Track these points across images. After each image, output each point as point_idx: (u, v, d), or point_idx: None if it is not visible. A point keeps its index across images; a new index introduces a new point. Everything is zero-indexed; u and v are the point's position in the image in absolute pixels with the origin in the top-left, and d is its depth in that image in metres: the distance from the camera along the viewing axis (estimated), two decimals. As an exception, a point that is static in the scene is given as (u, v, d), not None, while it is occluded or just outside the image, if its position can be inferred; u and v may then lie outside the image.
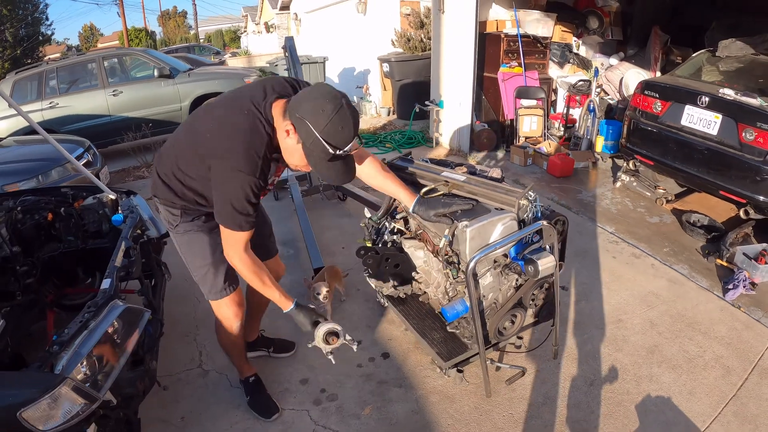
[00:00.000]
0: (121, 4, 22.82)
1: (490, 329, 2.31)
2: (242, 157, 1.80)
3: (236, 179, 1.82)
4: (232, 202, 1.83)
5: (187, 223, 2.17)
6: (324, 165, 1.84)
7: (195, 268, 2.26)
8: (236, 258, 1.97)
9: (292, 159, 1.93)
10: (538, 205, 2.26)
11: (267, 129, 1.87)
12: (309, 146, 1.78)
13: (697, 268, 3.94)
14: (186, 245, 2.23)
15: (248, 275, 1.99)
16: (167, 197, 2.11)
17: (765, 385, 2.73)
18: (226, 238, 1.94)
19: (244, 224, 1.88)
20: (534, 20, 7.11)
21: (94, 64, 7.91)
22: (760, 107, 4.05)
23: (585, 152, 6.49)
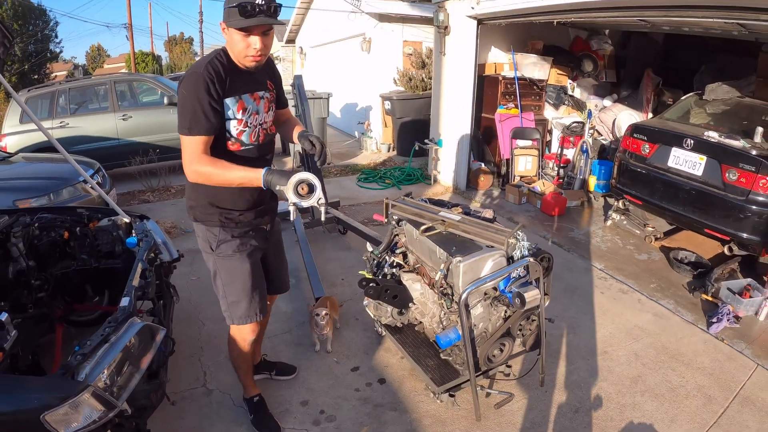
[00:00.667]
0: (130, 28, 23.23)
1: (481, 356, 2.47)
2: (188, 77, 2.05)
3: (185, 90, 2.04)
4: (183, 109, 2.04)
5: (227, 243, 2.31)
6: (243, 21, 1.97)
7: (230, 293, 2.37)
8: (194, 165, 2.06)
9: (236, 47, 2.07)
10: (526, 243, 2.45)
11: (218, 54, 2.12)
12: (228, 21, 2.00)
13: (682, 303, 4.11)
14: (226, 270, 2.35)
15: (213, 177, 2.08)
16: (202, 207, 2.28)
17: (746, 413, 2.88)
18: (183, 148, 2.07)
19: (194, 127, 2.02)
20: (531, 63, 7.41)
21: (105, 88, 8.12)
22: (742, 149, 4.29)
23: (578, 191, 6.73)
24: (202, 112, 2.02)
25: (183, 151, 2.08)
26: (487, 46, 7.57)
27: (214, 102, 2.05)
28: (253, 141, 2.27)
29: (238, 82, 2.16)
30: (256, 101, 2.25)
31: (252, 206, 2.37)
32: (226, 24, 2.03)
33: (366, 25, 10.18)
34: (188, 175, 2.12)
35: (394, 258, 3.01)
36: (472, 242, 2.57)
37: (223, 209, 2.29)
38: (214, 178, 2.09)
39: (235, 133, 2.20)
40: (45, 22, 25.95)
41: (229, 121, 2.16)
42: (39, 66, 25.78)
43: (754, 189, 4.13)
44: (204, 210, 2.29)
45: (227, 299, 2.39)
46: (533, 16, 5.86)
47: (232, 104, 2.15)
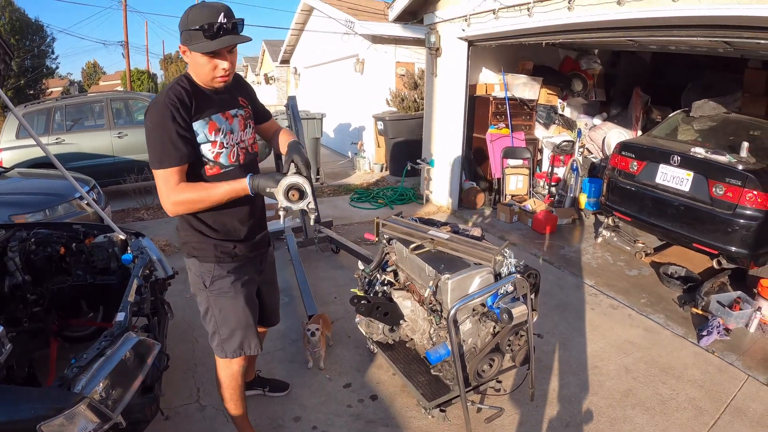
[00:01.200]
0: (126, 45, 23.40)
1: (470, 371, 2.52)
2: (152, 108, 1.98)
3: (150, 124, 1.96)
4: (151, 142, 1.96)
5: (221, 280, 2.23)
6: (208, 44, 1.92)
7: (224, 330, 2.30)
8: (172, 197, 1.97)
9: (202, 70, 2.01)
10: (513, 260, 2.52)
11: (180, 80, 2.06)
12: (192, 43, 1.93)
13: (672, 317, 4.18)
14: (219, 308, 2.27)
15: (197, 202, 2.02)
16: (196, 242, 2.19)
17: (737, 424, 2.94)
18: (158, 184, 1.98)
19: (164, 159, 1.93)
20: (521, 84, 7.55)
21: (101, 105, 8.18)
22: (728, 164, 4.38)
23: (568, 209, 6.82)
24: (170, 142, 1.94)
25: (158, 187, 2.00)
26: (478, 67, 7.71)
27: (181, 129, 1.97)
28: (232, 161, 2.18)
29: (204, 104, 2.08)
30: (228, 120, 2.17)
31: (247, 236, 2.29)
32: (189, 47, 1.96)
33: (359, 47, 10.33)
34: (168, 210, 2.02)
35: (385, 276, 3.08)
36: (461, 260, 2.64)
37: (218, 241, 2.21)
38: (198, 203, 2.03)
39: (211, 156, 2.11)
40: (42, 37, 26.06)
41: (202, 145, 2.08)
42: (35, 81, 25.83)
43: (740, 203, 4.22)
44: (198, 244, 2.21)
45: (219, 335, 2.32)
46: (523, 37, 6.01)
47: (202, 127, 2.06)
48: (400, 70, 10.28)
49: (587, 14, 4.66)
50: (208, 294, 2.26)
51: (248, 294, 2.33)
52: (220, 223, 2.20)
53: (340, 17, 10.27)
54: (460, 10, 6.42)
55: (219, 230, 2.20)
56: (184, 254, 2.27)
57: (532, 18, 5.29)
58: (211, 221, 2.18)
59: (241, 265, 2.29)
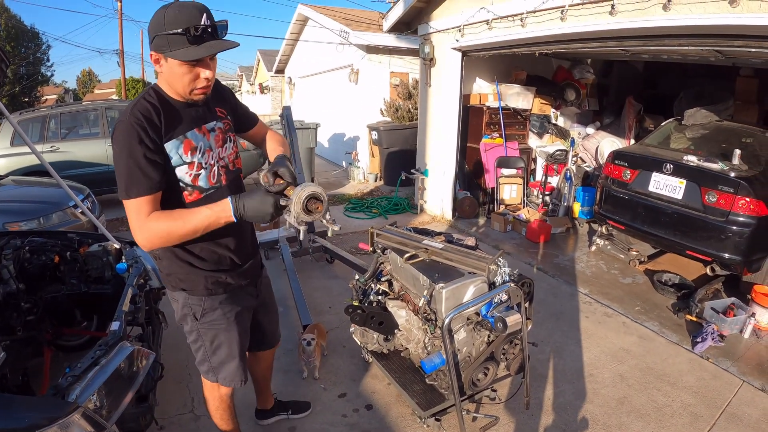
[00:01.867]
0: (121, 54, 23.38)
1: (465, 380, 2.53)
2: (117, 129, 1.73)
3: (116, 147, 1.72)
4: (117, 169, 1.72)
5: (212, 312, 2.05)
6: (193, 50, 1.70)
7: (215, 359, 2.15)
8: (144, 229, 1.74)
9: (180, 81, 1.78)
10: (507, 269, 2.54)
11: (147, 93, 1.82)
12: (171, 50, 1.69)
13: (667, 324, 4.20)
14: (211, 340, 2.11)
15: (173, 232, 1.74)
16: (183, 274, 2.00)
17: (732, 429, 2.96)
18: (128, 215, 1.76)
19: (132, 188, 1.70)
20: (515, 93, 7.59)
21: (96, 113, 8.17)
22: (720, 171, 4.43)
23: (562, 218, 6.85)
24: (137, 168, 1.70)
25: (129, 220, 1.76)
26: (471, 77, 7.76)
27: (150, 153, 1.72)
28: (213, 183, 1.95)
29: (176, 120, 1.84)
30: (206, 136, 1.93)
31: (239, 263, 2.11)
32: (164, 55, 1.72)
33: (354, 57, 10.38)
34: (142, 244, 1.77)
35: (380, 285, 3.09)
36: (455, 269, 2.66)
37: (208, 272, 2.00)
38: (174, 232, 1.75)
39: (189, 180, 1.88)
40: (37, 45, 26.11)
41: (177, 168, 1.84)
42: (30, 89, 25.86)
43: (733, 210, 4.26)
44: (185, 276, 2.00)
45: (211, 363, 2.16)
46: (516, 47, 6.06)
47: (176, 148, 1.82)
48: (395, 80, 10.34)
49: (580, 25, 4.72)
50: (199, 326, 2.08)
51: (241, 325, 2.16)
52: (208, 251, 2.00)
53: (334, 27, 10.33)
54: (454, 20, 6.47)
55: (208, 259, 2.00)
56: (168, 287, 2.06)
57: (526, 29, 5.35)
58: (198, 250, 1.98)
59: (233, 294, 2.11)
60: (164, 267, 2.04)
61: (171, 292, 2.07)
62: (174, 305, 2.10)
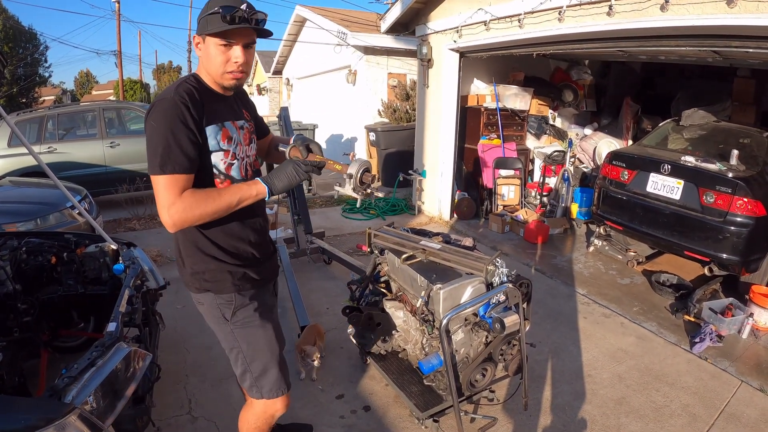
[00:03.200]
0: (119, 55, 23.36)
1: (463, 381, 2.52)
2: (158, 106, 1.71)
3: (154, 122, 1.69)
4: (153, 144, 1.68)
5: (244, 308, 1.97)
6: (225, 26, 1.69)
7: (256, 366, 2.01)
8: (176, 207, 1.66)
9: (214, 61, 1.78)
10: (504, 269, 2.53)
11: (188, 79, 1.84)
12: (207, 29, 1.71)
13: (665, 324, 4.21)
14: (248, 342, 1.99)
15: (204, 207, 1.71)
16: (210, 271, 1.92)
17: (731, 430, 2.96)
18: (157, 193, 1.68)
19: (167, 163, 1.65)
20: (512, 94, 7.60)
21: (94, 114, 8.16)
22: (718, 171, 4.44)
23: (560, 219, 6.86)
24: (177, 145, 1.67)
25: (158, 196, 1.69)
26: (469, 78, 7.76)
27: (191, 132, 1.71)
28: (243, 176, 1.94)
29: (216, 107, 1.86)
30: (237, 131, 1.94)
31: (262, 257, 2.06)
32: (202, 35, 1.75)
33: (351, 58, 10.39)
34: (171, 221, 1.68)
35: (378, 286, 3.08)
36: (452, 270, 2.65)
37: (235, 266, 1.94)
38: (209, 206, 1.70)
39: (223, 168, 1.86)
40: (35, 45, 26.07)
41: (213, 153, 1.83)
42: (27, 90, 25.83)
43: (731, 210, 4.27)
44: (212, 274, 1.93)
45: (252, 373, 2.02)
46: (514, 48, 6.06)
47: (215, 133, 1.82)
48: (392, 81, 10.35)
49: (578, 25, 4.72)
50: (232, 327, 1.97)
51: (274, 320, 2.10)
52: (232, 245, 1.95)
53: (332, 29, 10.34)
54: (451, 21, 6.48)
55: (233, 253, 1.95)
56: (192, 289, 1.98)
57: (523, 29, 5.35)
58: (223, 243, 1.92)
59: (259, 289, 2.05)
60: (189, 266, 1.95)
61: (196, 295, 1.99)
62: (201, 309, 2.03)
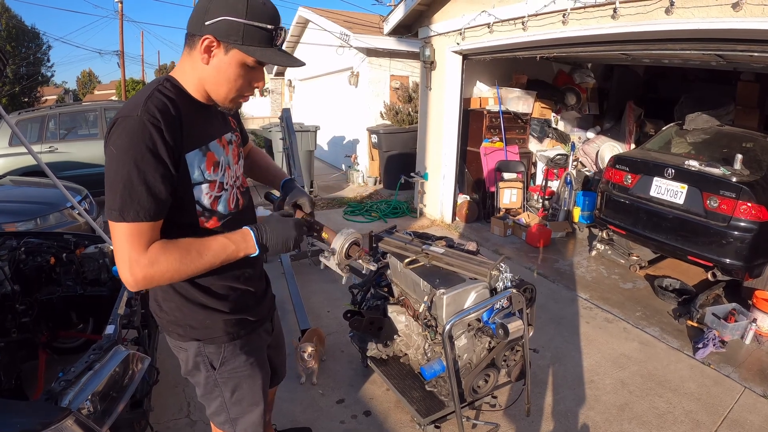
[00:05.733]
0: (122, 55, 23.40)
1: (466, 387, 2.49)
2: (120, 126, 1.30)
3: (115, 149, 1.29)
4: (113, 180, 1.28)
5: (234, 359, 1.67)
6: (271, 52, 1.39)
7: (236, 410, 1.76)
8: (139, 266, 1.30)
9: (225, 83, 1.42)
10: (509, 274, 2.50)
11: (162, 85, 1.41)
12: (244, 41, 1.35)
13: (668, 329, 4.17)
14: (231, 390, 1.72)
15: (181, 267, 1.36)
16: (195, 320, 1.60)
17: None
18: (116, 241, 1.31)
19: (128, 207, 1.27)
20: (515, 97, 7.57)
21: (95, 114, 8.15)
22: (722, 176, 4.41)
23: (562, 223, 6.83)
24: (142, 183, 1.28)
25: (115, 249, 1.32)
26: (472, 81, 7.73)
27: (162, 165, 1.31)
28: (232, 209, 1.58)
29: (198, 125, 1.46)
30: (225, 149, 1.56)
31: (258, 293, 1.78)
32: (228, 44, 1.36)
33: (354, 60, 10.36)
34: (131, 281, 1.32)
35: (379, 290, 3.05)
36: (456, 274, 2.61)
37: (228, 314, 1.62)
38: (186, 267, 1.37)
39: (208, 203, 1.49)
40: (38, 45, 26.06)
41: (196, 186, 1.45)
42: (30, 89, 25.81)
43: (735, 215, 4.24)
44: (199, 324, 1.60)
45: (229, 414, 1.76)
46: (517, 51, 6.05)
47: (198, 161, 1.44)
48: (395, 84, 10.32)
49: (582, 28, 4.69)
50: (217, 376, 1.68)
51: (264, 366, 1.81)
52: (226, 287, 1.62)
53: (335, 30, 10.31)
54: (454, 24, 6.45)
55: (227, 298, 1.62)
56: (174, 336, 1.64)
57: (527, 32, 5.33)
58: (214, 287, 1.59)
59: (253, 334, 1.75)
60: (167, 311, 1.62)
61: (177, 342, 1.66)
62: (181, 355, 1.69)
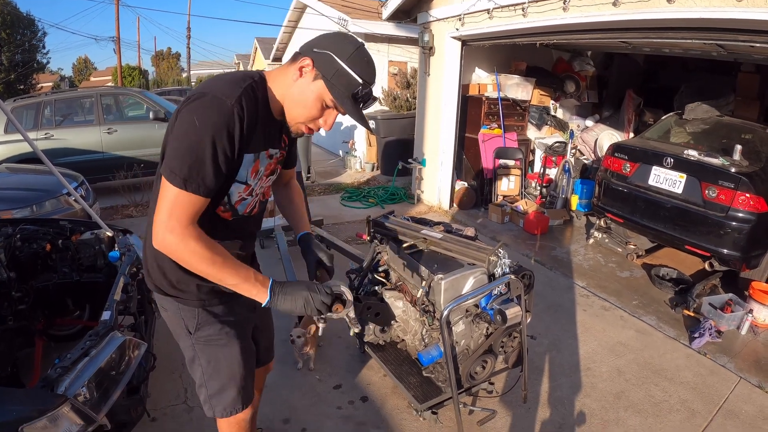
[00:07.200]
0: (117, 41, 23.20)
1: (463, 373, 2.49)
2: (208, 103, 1.39)
3: (196, 120, 1.37)
4: (184, 148, 1.38)
5: (209, 326, 1.73)
6: (349, 102, 1.49)
7: (213, 384, 1.81)
8: (177, 232, 1.39)
9: (300, 106, 1.54)
10: (507, 260, 2.49)
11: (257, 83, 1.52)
12: (332, 79, 1.46)
13: (664, 318, 4.18)
14: (208, 359, 1.77)
15: (200, 262, 1.43)
16: (174, 281, 1.66)
17: (729, 426, 2.94)
18: (164, 202, 1.39)
19: (192, 180, 1.37)
20: (514, 84, 7.52)
21: (91, 100, 8.09)
22: (721, 166, 4.40)
23: (560, 210, 6.82)
24: (212, 162, 1.39)
25: (162, 206, 1.40)
26: (471, 67, 7.68)
27: (231, 152, 1.43)
28: (246, 213, 1.71)
29: (264, 133, 1.57)
30: (267, 161, 1.66)
31: None
32: (321, 76, 1.48)
33: (352, 45, 10.28)
34: (160, 241, 1.42)
35: (377, 276, 3.03)
36: (454, 260, 2.61)
37: (202, 281, 1.60)
38: (200, 264, 1.44)
39: (234, 200, 1.62)
40: (33, 32, 25.87)
41: (236, 184, 1.57)
42: (25, 76, 25.65)
43: (733, 205, 4.24)
44: (177, 283, 1.67)
45: (207, 389, 1.82)
46: (517, 37, 5.98)
47: (248, 163, 1.55)
48: (393, 69, 10.25)
49: (582, 15, 4.65)
50: (194, 342, 1.75)
51: (243, 339, 1.84)
52: None
53: (333, 15, 10.21)
54: (454, 9, 6.39)
55: None
56: (156, 290, 1.73)
57: (527, 18, 5.28)
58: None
59: (231, 303, 1.78)
60: (150, 265, 1.70)
61: (160, 298, 1.74)
62: (163, 315, 1.79)
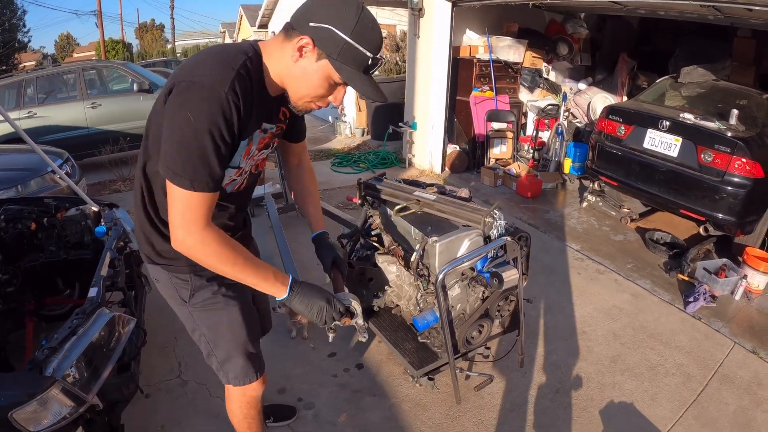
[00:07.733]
0: (99, 15, 22.67)
1: (459, 338, 2.46)
2: (200, 93, 1.27)
3: (190, 115, 1.26)
4: (184, 146, 1.28)
5: (204, 290, 1.69)
6: (360, 78, 1.37)
7: (220, 350, 1.80)
8: (195, 235, 1.34)
9: (305, 86, 1.42)
10: (503, 222, 2.43)
11: (251, 61, 1.39)
12: (338, 58, 1.33)
13: (659, 282, 4.17)
14: (208, 325, 1.75)
15: (214, 262, 1.39)
16: (162, 248, 1.61)
17: (725, 390, 2.94)
18: (176, 205, 1.33)
19: (199, 179, 1.30)
20: (506, 46, 7.38)
21: (73, 76, 7.92)
22: (717, 130, 4.33)
23: (553, 174, 6.76)
24: (216, 156, 1.31)
25: (174, 210, 1.34)
26: (461, 29, 7.49)
27: (232, 141, 1.36)
28: (235, 190, 1.64)
29: (259, 115, 1.47)
30: (259, 138, 1.56)
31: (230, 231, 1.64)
32: (323, 53, 1.34)
33: (339, 9, 10.05)
34: (180, 243, 1.36)
35: (369, 240, 2.97)
36: (448, 222, 2.54)
37: None
38: (220, 265, 1.40)
39: (224, 183, 1.53)
40: (12, 11, 25.17)
41: (229, 169, 1.49)
42: (7, 57, 25.05)
43: (729, 170, 4.18)
44: (166, 252, 1.62)
45: (216, 357, 1.81)
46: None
47: (242, 147, 1.48)
48: (382, 32, 10.04)
49: (574, -30, 4.50)
50: (191, 310, 1.72)
51: (242, 299, 1.78)
52: None
53: (318, -22, 9.96)
54: (442, -33, 6.20)
55: None
56: (147, 260, 1.69)
57: (517, -25, 5.12)
58: None
59: None
60: (139, 235, 1.67)
61: (151, 269, 1.70)
62: (157, 287, 1.76)
